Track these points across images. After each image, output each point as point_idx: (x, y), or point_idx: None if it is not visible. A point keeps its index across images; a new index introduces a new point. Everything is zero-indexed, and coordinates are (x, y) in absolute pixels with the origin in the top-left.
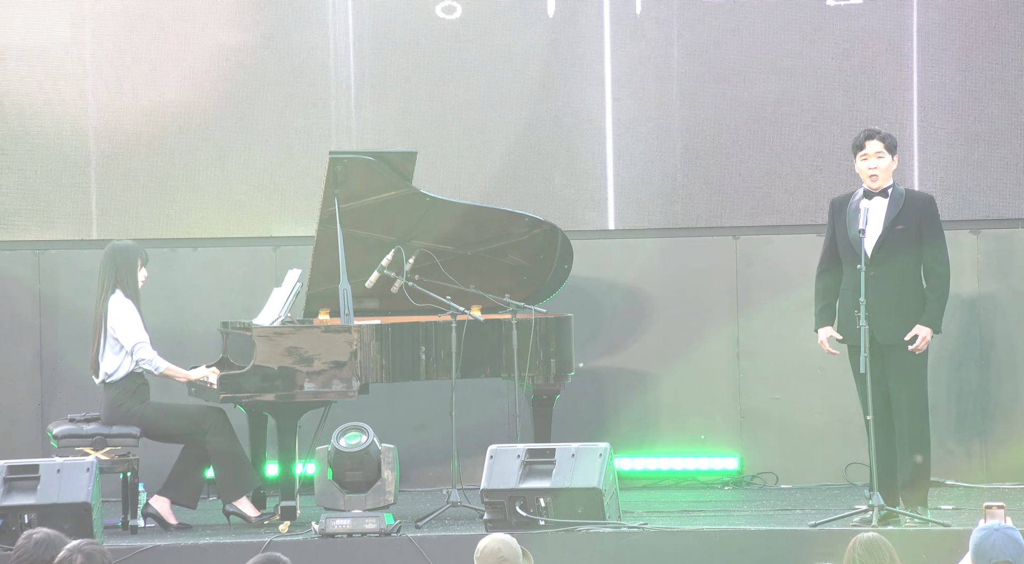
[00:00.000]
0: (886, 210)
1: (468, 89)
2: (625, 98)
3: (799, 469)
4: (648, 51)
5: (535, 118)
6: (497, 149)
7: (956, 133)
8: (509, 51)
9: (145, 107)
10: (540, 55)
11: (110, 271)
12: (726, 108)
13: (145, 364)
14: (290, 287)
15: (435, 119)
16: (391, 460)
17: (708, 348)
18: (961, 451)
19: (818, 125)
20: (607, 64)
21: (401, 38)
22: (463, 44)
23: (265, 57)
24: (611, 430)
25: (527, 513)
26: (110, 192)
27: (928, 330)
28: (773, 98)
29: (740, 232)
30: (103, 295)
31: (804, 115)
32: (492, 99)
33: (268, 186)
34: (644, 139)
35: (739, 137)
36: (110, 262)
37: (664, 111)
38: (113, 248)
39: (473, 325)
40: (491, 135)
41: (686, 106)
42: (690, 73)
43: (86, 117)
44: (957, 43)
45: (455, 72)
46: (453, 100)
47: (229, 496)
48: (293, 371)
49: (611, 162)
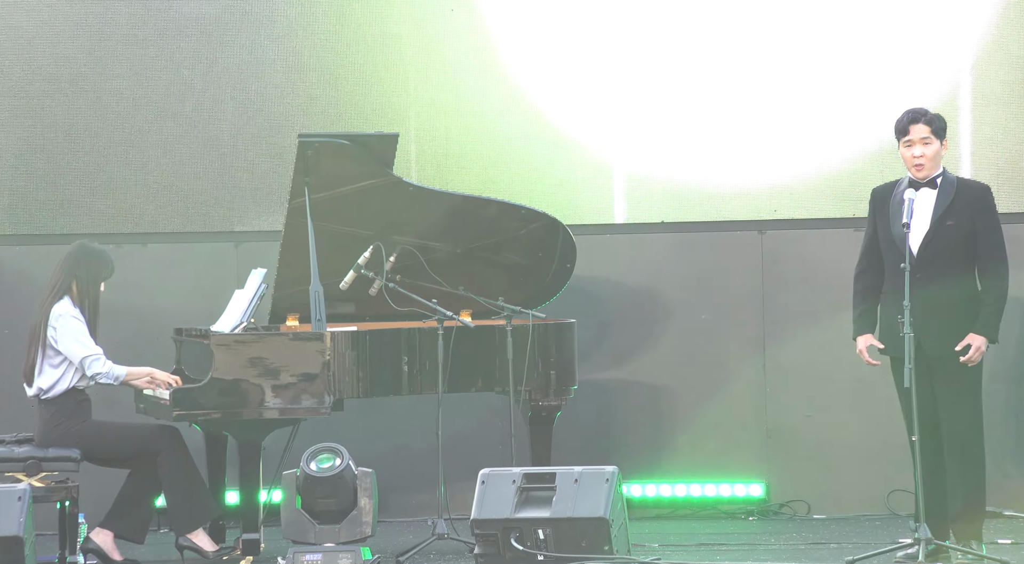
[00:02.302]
0: (935, 202)
1: (454, 68)
2: (632, 78)
3: (834, 497)
4: (657, 34)
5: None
6: (493, 135)
7: (1015, 114)
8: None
9: (86, 87)
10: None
11: (68, 273)
12: (748, 83)
13: (102, 379)
14: (254, 289)
15: (419, 101)
16: (369, 486)
17: (730, 358)
18: (1021, 477)
19: (855, 104)
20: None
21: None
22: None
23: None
24: (619, 452)
25: (524, 547)
26: (44, 182)
27: (983, 339)
28: (801, 72)
29: (766, 226)
30: (50, 297)
31: (836, 92)
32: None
33: (228, 173)
34: (656, 122)
35: (763, 123)
36: (71, 263)
37: (676, 90)
38: (80, 248)
39: (462, 332)
40: (486, 120)
41: (683, 86)
42: (714, 50)
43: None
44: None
45: (437, 52)
46: (437, 80)
47: (183, 528)
48: (257, 385)
49: (618, 149)
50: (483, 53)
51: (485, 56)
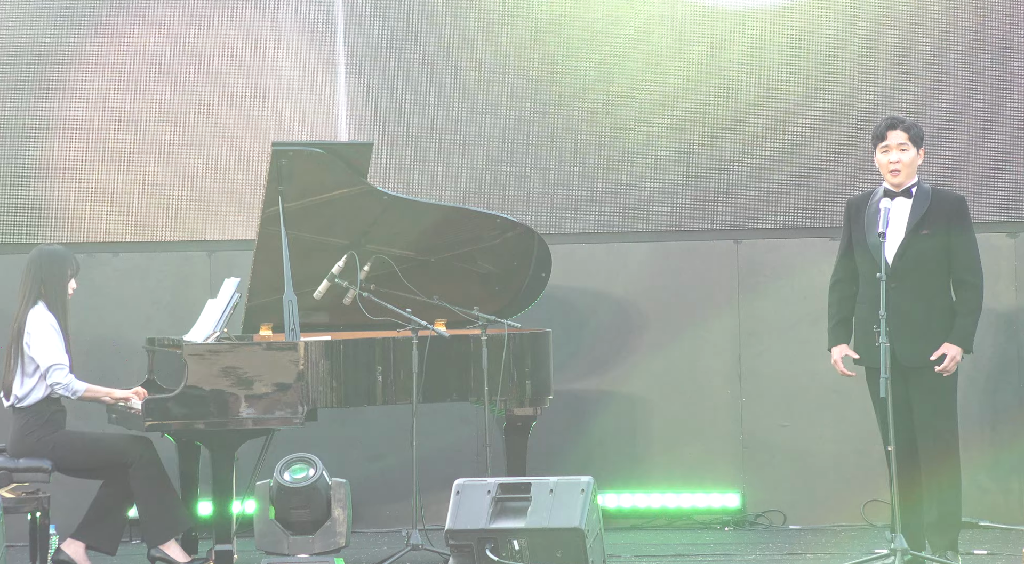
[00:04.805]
0: (910, 211)
1: (430, 81)
2: (612, 87)
3: (810, 507)
4: (640, 45)
5: (514, 112)
6: (471, 146)
7: (990, 123)
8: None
9: (53, 94)
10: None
11: (35, 279)
12: (727, 97)
13: (60, 389)
14: (227, 298)
15: (394, 112)
16: (343, 497)
17: (706, 368)
18: (997, 488)
19: (831, 115)
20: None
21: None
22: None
23: (203, 32)
24: (595, 462)
25: (498, 557)
26: (12, 191)
27: (958, 349)
28: (780, 85)
29: (742, 235)
30: (23, 306)
31: (816, 104)
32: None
33: (201, 182)
34: (631, 131)
35: (741, 128)
36: (35, 269)
37: (654, 101)
38: (40, 253)
39: (437, 342)
40: (468, 130)
41: (680, 96)
42: (687, 64)
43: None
44: (992, 29)
45: (415, 61)
46: (410, 92)
47: (155, 539)
48: (230, 395)
49: (594, 157)
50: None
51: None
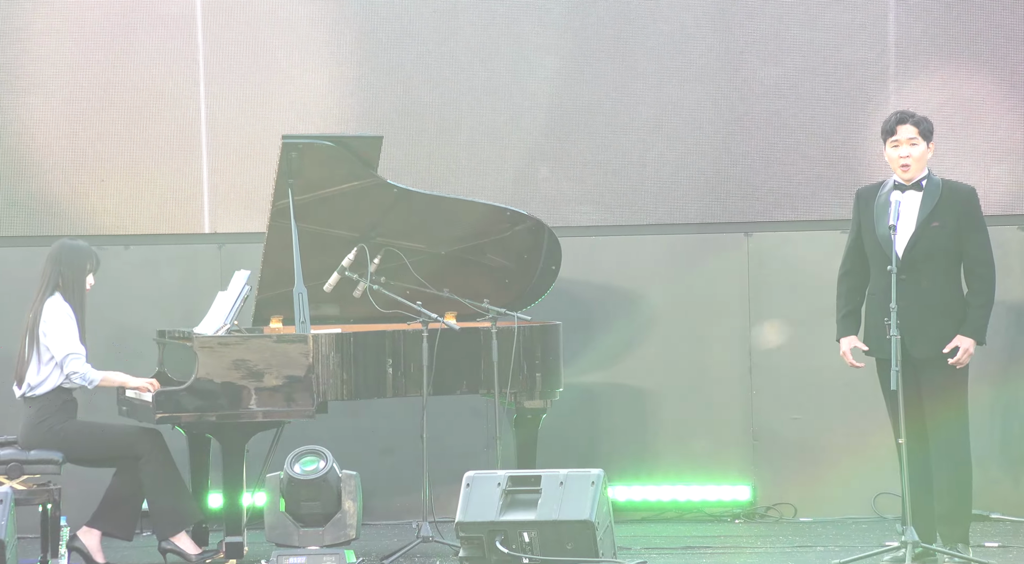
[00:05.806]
0: (920, 204)
1: (444, 76)
2: (621, 84)
3: (820, 500)
4: (642, 39)
5: (524, 105)
6: (480, 140)
7: (1001, 117)
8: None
9: (64, 85)
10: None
11: (54, 271)
12: (737, 88)
13: (77, 379)
14: (237, 291)
15: (406, 105)
16: (353, 489)
17: (716, 361)
18: (1008, 480)
19: (843, 108)
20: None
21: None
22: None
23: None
24: (605, 454)
25: (509, 550)
26: (25, 184)
27: (970, 341)
28: (790, 78)
29: (753, 228)
30: (40, 296)
31: (827, 97)
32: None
33: (211, 174)
34: (641, 124)
35: (750, 121)
36: (55, 260)
37: (664, 94)
38: (61, 246)
39: (447, 334)
40: (478, 124)
41: (690, 89)
42: (702, 56)
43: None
44: (1002, 21)
45: (422, 53)
46: (422, 86)
47: (166, 531)
48: (240, 387)
49: (604, 150)
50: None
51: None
